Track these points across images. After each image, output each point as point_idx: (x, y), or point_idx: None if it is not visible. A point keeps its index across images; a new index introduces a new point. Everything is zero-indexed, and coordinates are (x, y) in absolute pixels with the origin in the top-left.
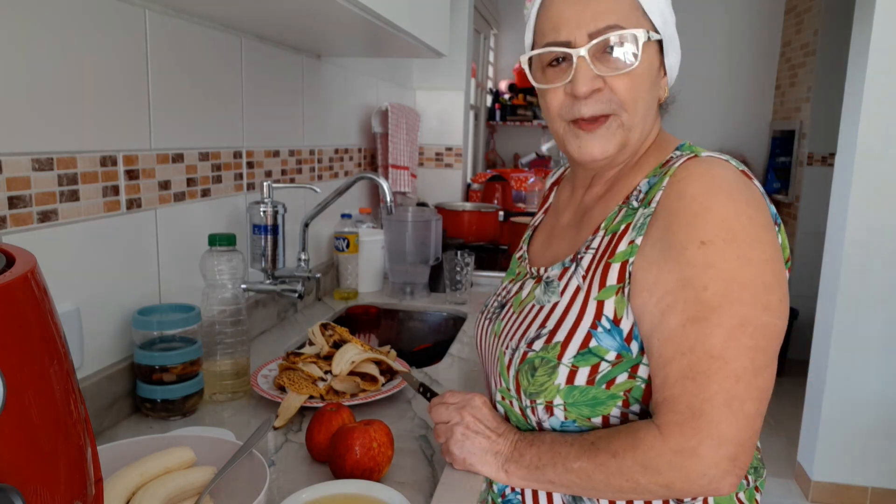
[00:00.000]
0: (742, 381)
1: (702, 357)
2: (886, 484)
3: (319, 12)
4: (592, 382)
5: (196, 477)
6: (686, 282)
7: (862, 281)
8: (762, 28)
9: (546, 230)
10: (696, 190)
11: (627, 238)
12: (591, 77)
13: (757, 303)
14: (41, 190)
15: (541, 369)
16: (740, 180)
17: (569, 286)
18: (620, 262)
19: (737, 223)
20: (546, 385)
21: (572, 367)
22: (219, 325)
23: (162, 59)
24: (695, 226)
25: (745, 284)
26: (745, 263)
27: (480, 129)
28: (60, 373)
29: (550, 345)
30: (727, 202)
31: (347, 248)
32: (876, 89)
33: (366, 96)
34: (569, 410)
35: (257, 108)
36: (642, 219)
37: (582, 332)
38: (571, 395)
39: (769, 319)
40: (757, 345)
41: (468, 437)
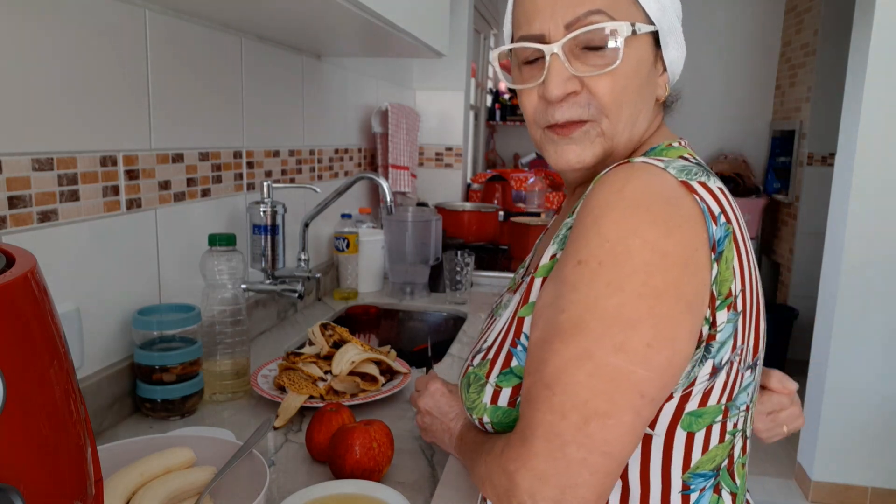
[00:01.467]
0: (567, 420)
1: (537, 381)
2: (886, 484)
3: (319, 12)
4: (513, 405)
5: (196, 477)
6: (553, 300)
7: (862, 281)
8: (762, 28)
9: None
10: (597, 201)
11: (549, 251)
12: (566, 78)
13: (608, 340)
14: (41, 190)
15: (473, 386)
16: (661, 195)
17: (513, 301)
18: (542, 277)
19: (622, 245)
20: (476, 402)
21: (496, 387)
22: (219, 325)
23: (162, 59)
24: (578, 241)
25: (601, 316)
26: (612, 292)
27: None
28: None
29: (484, 361)
30: (620, 220)
31: (347, 248)
32: (876, 89)
33: (366, 96)
34: (496, 429)
35: (257, 108)
36: (564, 230)
37: (504, 351)
38: (496, 415)
39: (618, 363)
40: (595, 387)
41: (427, 423)
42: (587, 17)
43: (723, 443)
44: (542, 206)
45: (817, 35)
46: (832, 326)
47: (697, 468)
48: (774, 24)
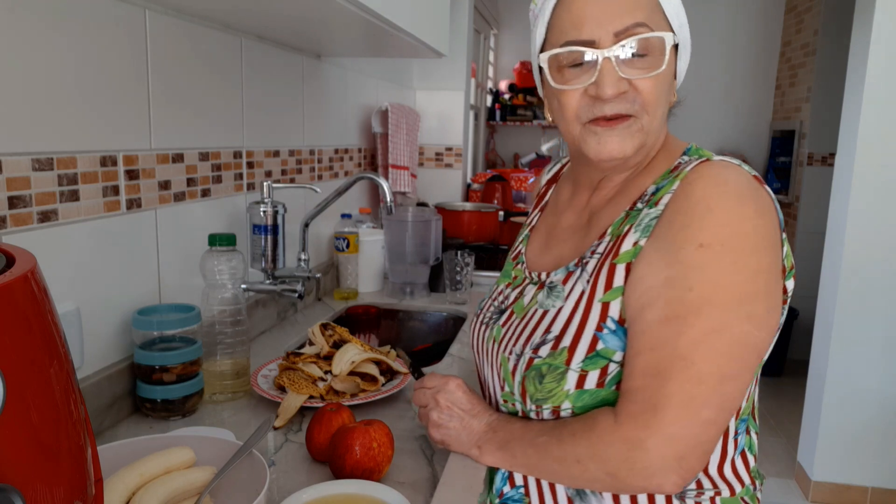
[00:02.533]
0: (703, 385)
1: (669, 354)
2: (886, 484)
3: (319, 12)
4: (602, 385)
5: (196, 477)
6: (673, 281)
7: (862, 281)
8: (762, 28)
9: (544, 231)
10: (704, 192)
11: (631, 239)
12: (617, 79)
13: (740, 311)
14: (41, 190)
15: (549, 376)
16: (751, 186)
17: (573, 291)
18: (625, 262)
19: (739, 229)
20: (555, 391)
21: (581, 372)
22: (219, 325)
23: (162, 59)
24: (696, 227)
25: (731, 291)
26: (737, 270)
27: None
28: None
29: (557, 350)
30: (733, 207)
31: (347, 248)
32: (876, 89)
33: (366, 96)
34: (576, 413)
35: (257, 108)
36: (647, 219)
37: (588, 336)
38: (581, 399)
39: (750, 329)
40: (730, 352)
41: (443, 420)
42: (634, 28)
43: (755, 388)
44: None
45: (817, 35)
46: (832, 326)
47: (742, 414)
48: (774, 24)
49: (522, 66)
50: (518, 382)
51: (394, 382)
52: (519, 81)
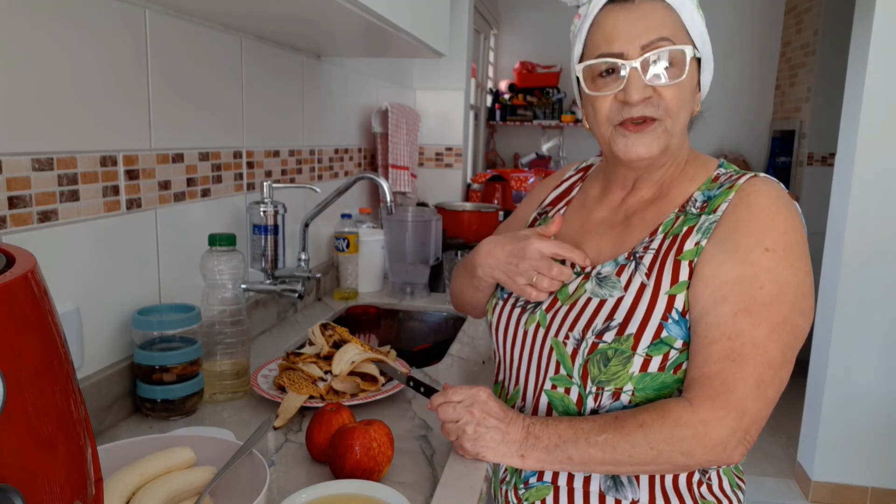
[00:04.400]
0: (773, 369)
1: (746, 343)
2: (886, 484)
3: (320, 12)
4: (663, 369)
5: (196, 477)
6: (745, 279)
7: (862, 281)
8: (762, 28)
9: (576, 225)
10: (764, 203)
11: (693, 239)
12: (643, 86)
13: (796, 307)
14: (41, 190)
15: (615, 359)
16: (792, 200)
17: (632, 282)
18: (688, 260)
19: (794, 237)
20: (620, 373)
21: (646, 357)
22: (219, 325)
23: (162, 59)
24: (762, 233)
25: (792, 290)
26: (794, 272)
27: (480, 129)
28: (60, 373)
29: (623, 336)
30: (789, 218)
31: (347, 248)
32: (876, 89)
33: (366, 96)
34: (636, 395)
35: (257, 108)
36: (707, 223)
37: (654, 324)
38: (643, 381)
39: (802, 322)
40: (789, 342)
41: (480, 433)
42: (659, 42)
43: None
44: None
45: (817, 35)
46: (832, 326)
47: None
48: (774, 24)
49: (522, 66)
50: (580, 365)
51: (394, 382)
52: (519, 81)
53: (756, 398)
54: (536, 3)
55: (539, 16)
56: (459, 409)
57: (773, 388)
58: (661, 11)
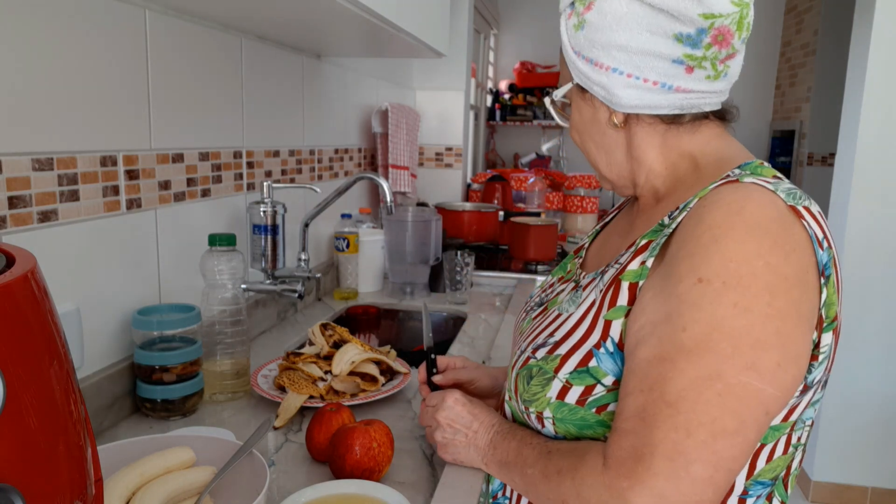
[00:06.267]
0: (693, 438)
1: (657, 399)
2: (886, 484)
3: (320, 12)
4: (582, 404)
5: (196, 477)
6: (668, 317)
7: (862, 281)
8: (762, 28)
9: (610, 231)
10: (714, 219)
11: (641, 258)
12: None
13: (738, 359)
14: (41, 190)
15: (536, 378)
16: (776, 217)
17: (587, 299)
18: (629, 281)
19: (746, 267)
20: (538, 395)
21: (566, 384)
22: (219, 325)
23: (162, 59)
24: (698, 259)
25: (730, 336)
26: (739, 313)
27: (480, 129)
28: (60, 373)
29: (551, 356)
30: (743, 240)
31: (347, 248)
32: (876, 89)
33: (366, 96)
34: (557, 425)
35: (257, 108)
36: (661, 239)
37: (584, 350)
38: (560, 411)
39: (750, 382)
40: (724, 405)
41: (447, 438)
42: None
43: (786, 455)
44: (542, 206)
45: (817, 35)
46: None
47: (759, 476)
48: (774, 24)
49: (522, 66)
50: (513, 378)
51: (394, 382)
52: (519, 81)
53: (672, 476)
54: (536, 3)
55: (539, 16)
56: (431, 414)
57: (702, 465)
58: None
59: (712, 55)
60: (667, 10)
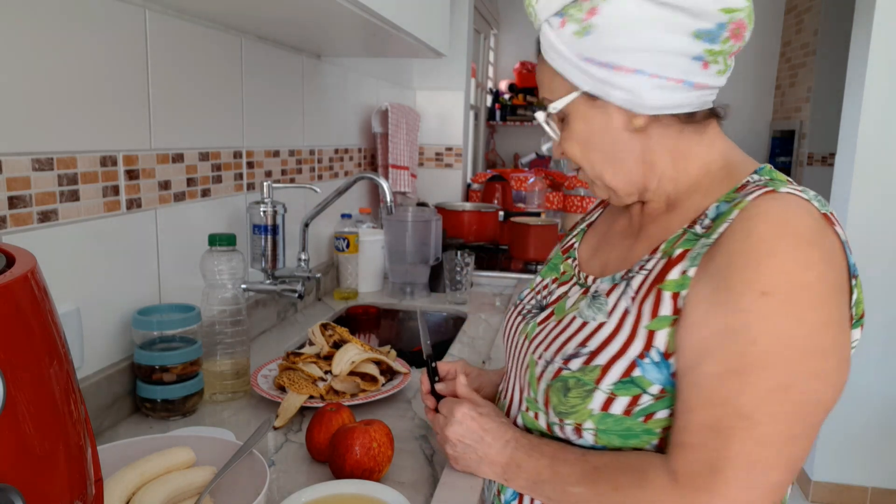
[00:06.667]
0: (770, 447)
1: (731, 413)
2: (886, 484)
3: (320, 12)
4: (629, 413)
5: (196, 477)
6: (735, 331)
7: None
8: (762, 28)
9: (600, 231)
10: (765, 232)
11: (681, 267)
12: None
13: (807, 367)
14: (41, 190)
15: (575, 391)
16: (817, 227)
17: (618, 307)
18: (672, 291)
19: (802, 277)
20: (578, 407)
21: (610, 395)
22: (219, 325)
23: (162, 59)
24: (757, 272)
25: (797, 346)
26: (801, 323)
27: (480, 129)
28: (60, 373)
29: (589, 367)
30: (796, 252)
31: (347, 248)
32: (876, 89)
33: (366, 96)
34: (599, 436)
35: (257, 108)
36: (700, 248)
37: (627, 360)
38: (604, 423)
39: (817, 387)
40: (796, 412)
41: (458, 452)
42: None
43: None
44: (542, 206)
45: (817, 35)
46: None
47: None
48: (774, 24)
49: (522, 66)
50: (542, 391)
51: (394, 382)
52: (519, 81)
53: (751, 485)
54: None
55: None
56: (440, 427)
57: (778, 471)
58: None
59: (728, 49)
60: (685, 7)
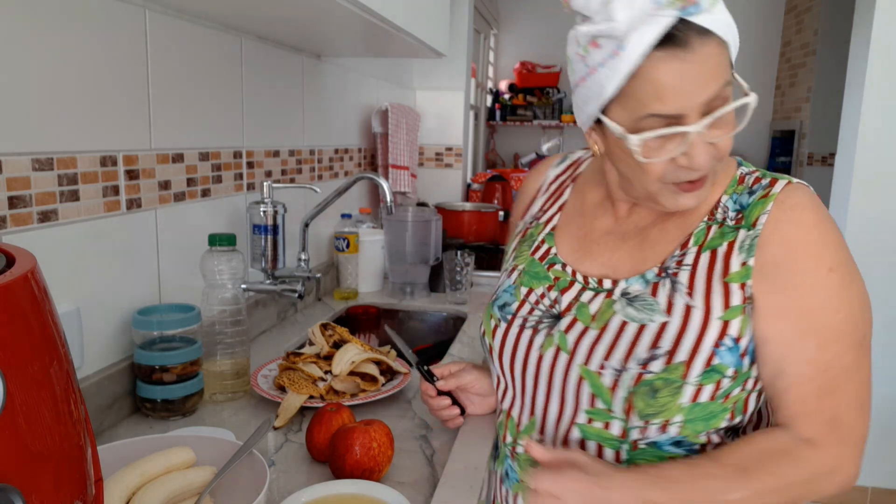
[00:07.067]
0: (866, 384)
1: (836, 374)
2: (886, 484)
3: (320, 12)
4: (713, 399)
5: (196, 477)
6: (820, 307)
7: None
8: (762, 28)
9: (574, 233)
10: (812, 219)
11: (738, 259)
12: (707, 149)
13: (867, 320)
14: (41, 190)
15: (664, 391)
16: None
17: (675, 304)
18: (738, 282)
19: (844, 250)
20: (668, 405)
21: (697, 386)
22: (219, 325)
23: (162, 59)
24: (820, 254)
25: (863, 305)
26: (856, 285)
27: (480, 129)
28: (60, 373)
29: (672, 365)
30: (834, 231)
31: (347, 248)
32: (876, 89)
33: (366, 96)
34: (684, 427)
35: (257, 108)
36: (749, 241)
37: (705, 352)
38: (692, 412)
39: (869, 342)
40: (867, 354)
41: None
42: (723, 91)
43: None
44: None
45: (817, 35)
46: None
47: None
48: (774, 24)
49: (522, 66)
50: (622, 399)
51: (394, 382)
52: (519, 81)
53: (863, 419)
54: (536, 3)
55: (539, 16)
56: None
57: (869, 399)
58: (718, 55)
59: None
60: None
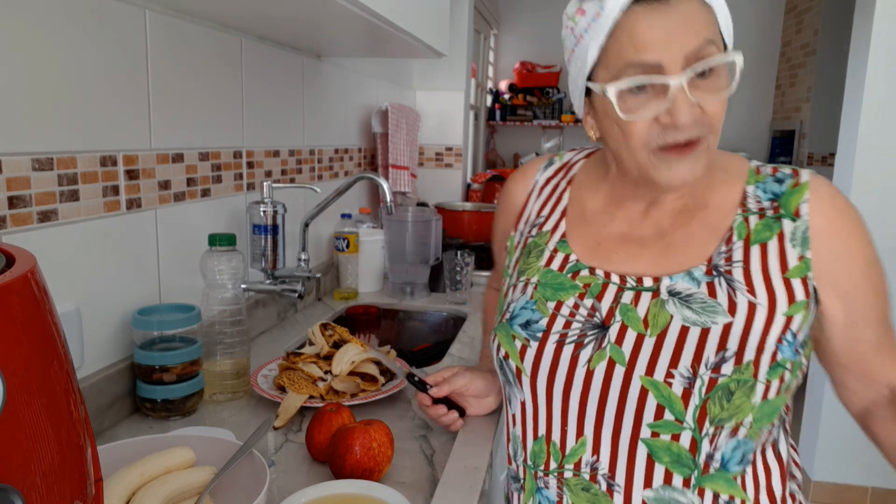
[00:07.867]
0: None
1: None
2: (886, 484)
3: (320, 12)
4: (778, 393)
5: (196, 477)
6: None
7: None
8: (762, 28)
9: (587, 241)
10: (844, 203)
11: (794, 253)
12: (691, 105)
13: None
14: (41, 190)
15: (738, 392)
16: None
17: (738, 303)
18: (799, 277)
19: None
20: (743, 405)
21: (766, 383)
22: (219, 325)
23: (162, 59)
24: (861, 233)
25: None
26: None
27: (480, 129)
28: (60, 373)
29: (742, 366)
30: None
31: (347, 248)
32: (876, 89)
33: (366, 96)
34: (752, 427)
35: (257, 108)
36: (799, 232)
37: (770, 348)
38: (762, 410)
39: None
40: None
41: None
42: (704, 48)
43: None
44: None
45: (817, 35)
46: None
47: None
48: (774, 24)
49: (522, 66)
50: (696, 406)
51: (394, 382)
52: (519, 81)
53: None
54: (536, 3)
55: (539, 16)
56: None
57: None
58: (700, 12)
59: None
60: None
